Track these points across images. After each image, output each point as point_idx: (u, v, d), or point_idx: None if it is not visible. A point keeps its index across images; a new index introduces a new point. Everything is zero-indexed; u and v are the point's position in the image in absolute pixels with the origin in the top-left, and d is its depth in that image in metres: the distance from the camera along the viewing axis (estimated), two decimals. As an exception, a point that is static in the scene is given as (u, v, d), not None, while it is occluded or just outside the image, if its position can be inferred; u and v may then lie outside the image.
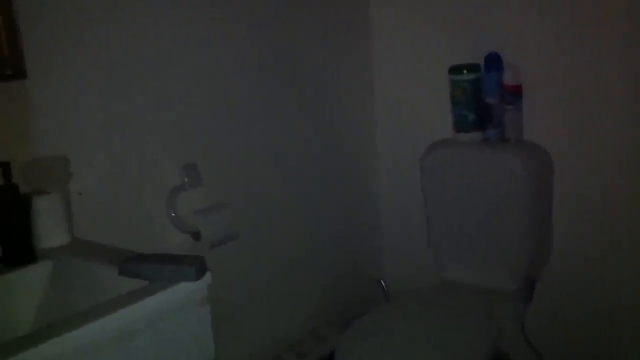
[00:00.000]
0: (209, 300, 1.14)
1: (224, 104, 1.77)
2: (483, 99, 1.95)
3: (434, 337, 1.71)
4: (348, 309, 2.19)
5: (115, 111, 1.51)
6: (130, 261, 1.12)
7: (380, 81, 2.26)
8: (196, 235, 1.62)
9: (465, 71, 1.94)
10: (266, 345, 1.95)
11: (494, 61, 1.93)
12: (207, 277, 1.12)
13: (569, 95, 1.88)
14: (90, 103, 1.46)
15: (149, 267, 1.10)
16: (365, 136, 2.29)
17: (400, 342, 1.68)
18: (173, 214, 1.60)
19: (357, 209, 2.30)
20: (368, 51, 2.24)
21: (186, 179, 1.62)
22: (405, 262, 2.35)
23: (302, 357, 1.94)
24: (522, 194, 1.85)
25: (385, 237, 2.39)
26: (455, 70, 1.96)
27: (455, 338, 1.70)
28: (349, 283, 2.26)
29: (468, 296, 1.91)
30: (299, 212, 2.04)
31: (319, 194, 2.11)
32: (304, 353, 1.96)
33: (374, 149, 2.32)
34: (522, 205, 1.87)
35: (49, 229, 1.30)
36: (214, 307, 1.16)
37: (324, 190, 2.13)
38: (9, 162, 1.23)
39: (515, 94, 1.91)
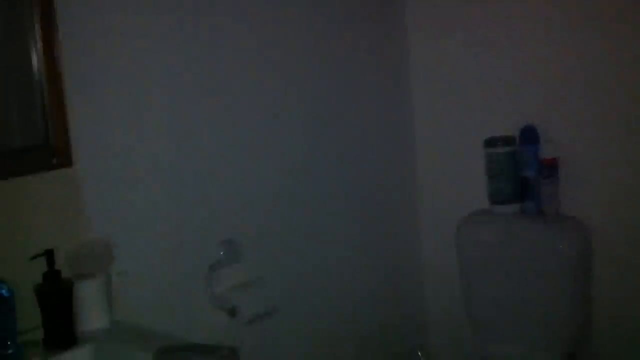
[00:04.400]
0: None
1: (259, 176, 1.80)
2: (519, 172, 1.95)
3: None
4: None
5: (155, 197, 1.56)
6: (165, 351, 1.15)
7: (421, 151, 2.28)
8: (232, 312, 1.64)
9: (499, 144, 1.95)
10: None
11: (529, 134, 1.94)
12: (239, 368, 1.14)
13: (605, 169, 1.87)
14: (133, 188, 1.51)
15: (184, 358, 1.13)
16: (407, 204, 2.30)
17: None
18: (210, 291, 1.63)
19: (397, 277, 2.29)
20: (409, 121, 2.27)
21: (224, 255, 1.66)
22: (446, 332, 2.32)
23: None
24: (560, 268, 1.84)
25: (427, 304, 2.37)
26: (490, 143, 1.97)
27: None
28: (387, 353, 2.24)
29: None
30: (339, 283, 2.05)
31: (359, 263, 2.11)
32: None
33: (415, 217, 2.33)
34: (561, 278, 1.85)
35: (90, 312, 1.34)
36: None
37: (363, 260, 2.13)
38: (53, 250, 1.28)
39: (552, 167, 1.90)
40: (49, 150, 1.35)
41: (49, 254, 1.27)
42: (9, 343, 1.18)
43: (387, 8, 2.18)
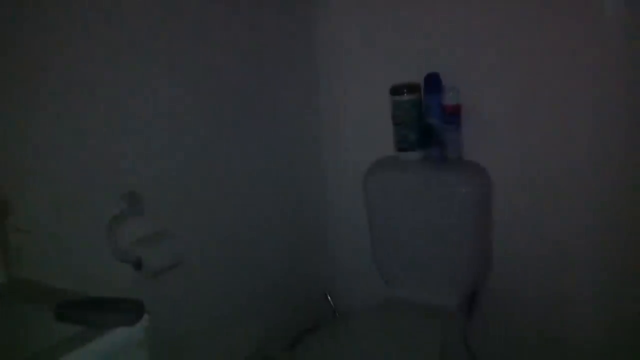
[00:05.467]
0: (146, 341, 1.14)
1: (165, 128, 1.75)
2: (423, 118, 1.99)
3: (380, 357, 1.74)
4: (296, 326, 2.20)
5: (53, 150, 1.48)
6: (66, 306, 1.11)
7: (325, 100, 2.28)
8: (137, 264, 1.61)
9: (405, 91, 1.97)
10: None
11: (433, 82, 1.97)
12: (145, 319, 1.11)
13: (506, 116, 1.93)
14: (30, 133, 1.42)
15: (86, 312, 1.09)
16: (313, 153, 2.30)
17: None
18: (113, 244, 1.58)
19: (305, 226, 2.31)
20: (313, 71, 2.25)
21: (125, 208, 1.61)
22: (354, 277, 2.38)
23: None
24: (463, 211, 1.90)
25: (334, 251, 2.41)
26: (395, 91, 1.99)
27: (401, 356, 1.73)
28: (297, 299, 2.27)
29: (412, 313, 1.95)
30: (245, 232, 2.04)
31: (265, 213, 2.11)
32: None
33: (321, 166, 2.33)
34: (464, 222, 1.91)
35: (-17, 268, 1.27)
36: (158, 335, 1.15)
37: (270, 209, 2.13)
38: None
39: (454, 114, 1.95)
40: None
41: None
42: None
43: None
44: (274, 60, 2.09)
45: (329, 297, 2.25)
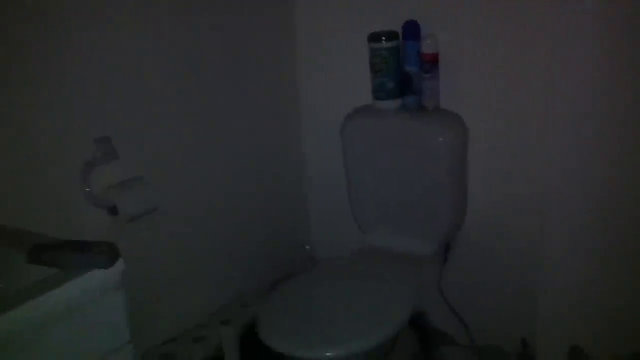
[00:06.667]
0: (123, 284, 1.14)
1: (140, 73, 1.73)
2: (401, 66, 1.97)
3: (353, 303, 1.77)
4: (274, 275, 2.22)
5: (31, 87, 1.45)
6: (39, 248, 1.10)
7: (302, 48, 2.25)
8: (113, 210, 1.60)
9: (383, 39, 1.95)
10: (190, 314, 1.97)
11: (411, 29, 1.95)
12: (120, 263, 1.11)
13: (484, 65, 1.92)
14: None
15: (59, 255, 1.09)
16: (289, 103, 2.28)
17: (320, 309, 1.73)
18: (87, 190, 1.57)
19: (282, 175, 2.31)
20: (290, 20, 2.22)
21: (99, 153, 1.59)
22: (331, 227, 2.39)
23: (226, 324, 1.96)
24: (439, 160, 1.91)
25: (311, 202, 2.42)
26: (373, 38, 1.96)
27: (374, 302, 1.76)
28: (274, 249, 2.29)
29: (387, 259, 1.97)
30: (221, 180, 2.04)
31: (242, 161, 2.11)
32: (228, 319, 1.98)
33: (298, 115, 2.32)
34: (439, 171, 1.92)
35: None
36: (135, 281, 1.15)
37: (246, 157, 2.12)
38: None
39: (432, 62, 1.93)
40: None
41: None
42: None
43: None
44: (249, 8, 2.05)
45: (306, 247, 2.27)
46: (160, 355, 1.82)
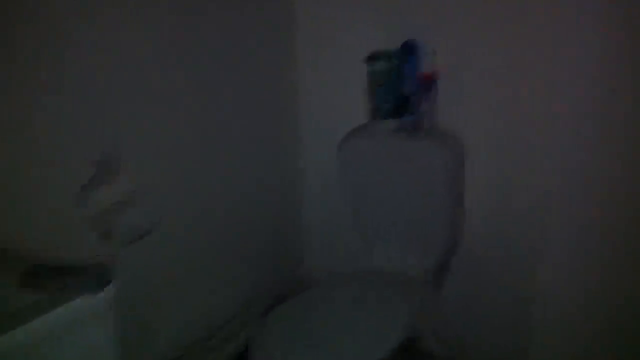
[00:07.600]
0: (113, 308, 1.14)
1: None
2: (398, 87, 1.98)
3: (348, 325, 1.75)
4: (270, 294, 2.22)
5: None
6: (30, 273, 1.10)
7: (302, 68, 2.26)
8: (107, 235, 1.60)
9: (380, 60, 1.96)
10: (186, 334, 1.96)
11: (409, 49, 1.95)
12: (111, 287, 1.11)
13: (482, 86, 1.92)
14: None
15: (49, 280, 1.09)
16: (287, 124, 2.29)
17: (312, 334, 1.72)
18: (83, 213, 1.57)
19: (279, 196, 2.31)
20: (291, 40, 2.24)
21: (97, 175, 1.59)
22: (327, 247, 2.39)
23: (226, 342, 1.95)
24: (435, 180, 1.90)
25: (308, 221, 2.42)
26: (370, 59, 1.97)
27: (368, 325, 1.74)
28: (271, 268, 2.28)
29: (382, 281, 1.96)
30: (219, 201, 2.04)
31: (240, 182, 2.11)
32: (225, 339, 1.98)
33: (296, 135, 2.32)
34: (435, 192, 1.92)
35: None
36: (130, 301, 1.14)
37: (245, 178, 2.13)
38: None
39: (428, 82, 1.94)
40: None
41: None
42: None
43: None
44: (252, 26, 2.06)
45: (303, 266, 2.26)
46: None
